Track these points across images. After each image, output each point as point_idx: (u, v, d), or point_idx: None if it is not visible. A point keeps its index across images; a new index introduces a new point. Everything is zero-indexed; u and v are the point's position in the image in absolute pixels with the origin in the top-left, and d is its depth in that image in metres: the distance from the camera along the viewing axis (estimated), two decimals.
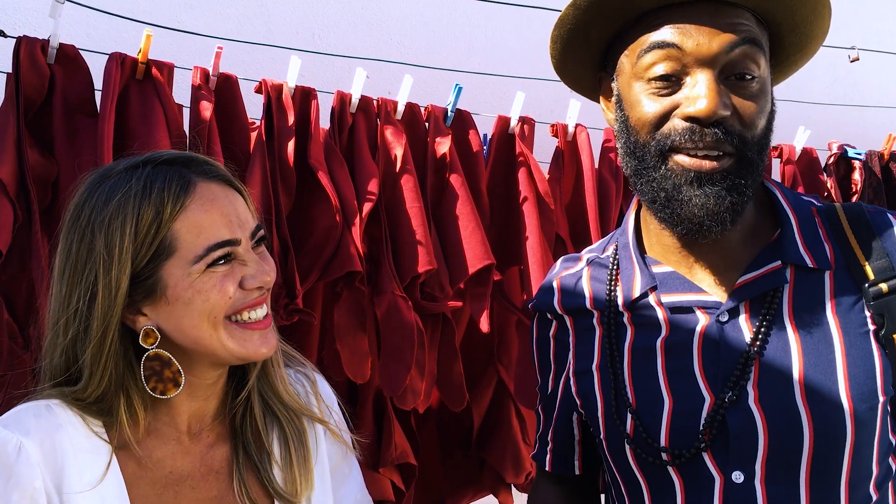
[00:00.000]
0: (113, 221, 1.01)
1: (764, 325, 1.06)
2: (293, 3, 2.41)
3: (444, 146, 1.98)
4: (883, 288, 1.05)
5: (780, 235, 1.10)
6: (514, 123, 2.10)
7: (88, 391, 1.04)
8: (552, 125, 2.20)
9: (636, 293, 1.15)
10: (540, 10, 2.30)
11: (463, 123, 2.05)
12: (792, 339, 1.06)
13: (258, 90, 1.80)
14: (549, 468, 1.31)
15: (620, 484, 1.17)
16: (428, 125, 2.00)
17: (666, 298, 1.12)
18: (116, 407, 1.05)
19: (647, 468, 1.11)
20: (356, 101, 1.89)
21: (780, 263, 1.08)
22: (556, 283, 1.27)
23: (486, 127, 2.14)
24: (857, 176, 2.65)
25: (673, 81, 1.03)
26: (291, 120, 1.78)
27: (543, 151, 2.22)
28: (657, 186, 1.05)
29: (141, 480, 1.06)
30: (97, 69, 1.62)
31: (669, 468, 1.08)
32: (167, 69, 1.67)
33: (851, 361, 1.04)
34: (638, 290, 1.15)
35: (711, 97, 0.99)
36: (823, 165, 2.65)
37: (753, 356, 1.05)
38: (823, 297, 1.07)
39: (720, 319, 1.08)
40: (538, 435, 1.34)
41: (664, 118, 1.04)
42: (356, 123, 1.89)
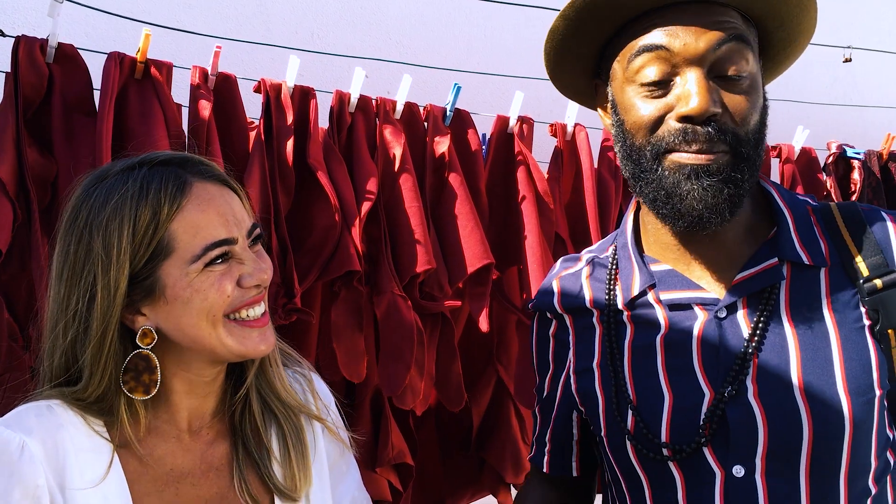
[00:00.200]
0: (111, 223, 1.01)
1: (762, 320, 1.08)
2: (292, 2, 2.42)
3: (442, 146, 1.98)
4: (877, 284, 1.07)
5: (776, 233, 1.12)
6: (513, 123, 2.10)
7: (89, 391, 1.05)
8: (551, 125, 2.20)
9: (635, 291, 1.16)
10: (539, 9, 2.30)
11: (462, 123, 2.05)
12: (789, 334, 1.07)
13: (257, 90, 1.80)
14: (546, 469, 1.31)
15: (621, 481, 1.18)
16: (427, 125, 2.00)
17: (665, 296, 1.14)
18: (117, 406, 1.06)
19: (647, 464, 1.12)
20: (355, 100, 1.89)
21: (776, 260, 1.09)
22: (555, 282, 1.29)
23: (485, 126, 2.13)
24: (856, 175, 2.65)
25: (664, 84, 1.05)
26: (290, 119, 1.78)
27: (542, 151, 2.22)
28: (657, 186, 1.07)
29: (142, 478, 1.07)
30: (96, 68, 1.62)
31: (670, 463, 1.09)
32: (166, 68, 1.67)
33: (848, 356, 1.05)
34: (637, 288, 1.16)
35: (702, 95, 1.01)
36: (822, 165, 2.65)
37: (752, 351, 1.07)
38: (819, 293, 1.09)
39: (718, 316, 1.09)
40: (535, 437, 1.35)
41: (659, 121, 1.05)
42: (355, 123, 1.89)
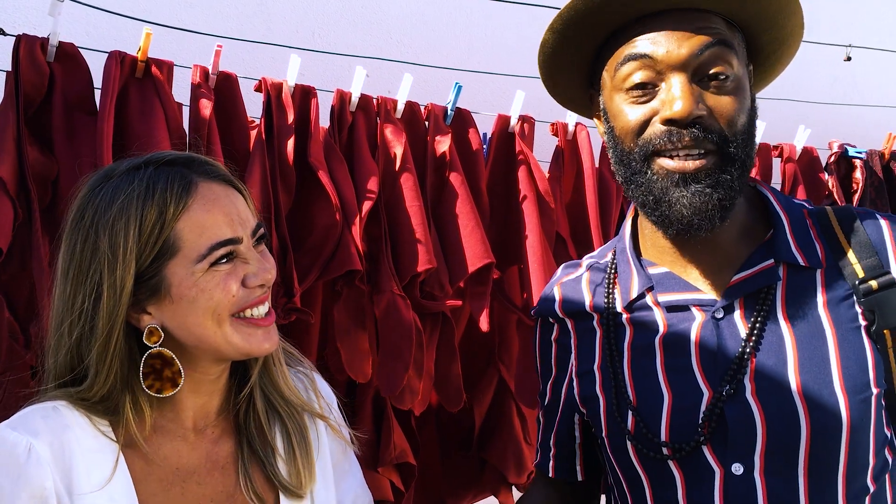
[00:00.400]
0: (117, 222, 1.02)
1: (759, 320, 1.10)
2: (293, 1, 2.41)
3: (443, 145, 1.97)
4: (873, 285, 1.09)
5: (772, 235, 1.14)
6: (514, 122, 2.10)
7: (94, 390, 1.05)
8: (552, 124, 2.20)
9: (633, 294, 1.19)
10: (540, 8, 2.30)
11: (463, 122, 2.05)
12: (786, 333, 1.09)
13: (258, 89, 1.80)
14: (552, 474, 1.33)
15: (622, 481, 1.19)
16: (428, 124, 2.00)
17: (662, 298, 1.16)
18: (122, 405, 1.06)
19: (648, 463, 1.14)
20: (356, 99, 1.89)
21: (772, 262, 1.11)
22: (556, 289, 1.31)
23: (485, 126, 2.13)
24: (858, 175, 2.65)
25: (650, 88, 1.07)
26: (291, 118, 1.78)
27: (543, 150, 2.22)
28: (646, 190, 1.10)
29: (148, 477, 1.08)
30: (97, 67, 1.62)
31: (670, 462, 1.11)
32: (167, 67, 1.67)
33: (844, 355, 1.07)
34: (635, 291, 1.19)
35: (685, 98, 1.04)
36: (824, 165, 2.65)
37: (749, 351, 1.09)
38: (815, 293, 1.11)
39: (716, 316, 1.11)
40: (539, 443, 1.36)
41: (645, 124, 1.08)
42: (356, 122, 1.89)
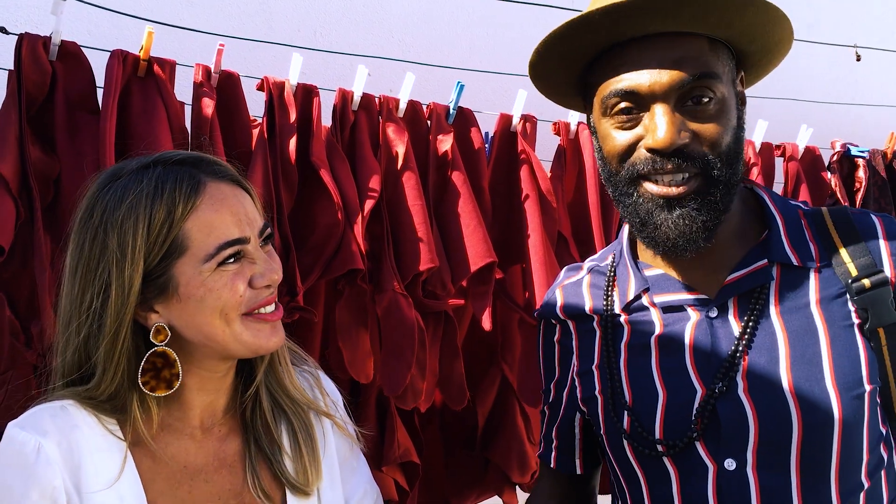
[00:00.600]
0: (126, 221, 1.02)
1: (751, 319, 1.12)
2: (295, 0, 2.41)
3: (445, 144, 1.97)
4: (866, 283, 1.10)
5: (767, 236, 1.16)
6: (516, 121, 2.10)
7: (101, 388, 1.06)
8: (554, 123, 2.20)
9: (630, 295, 1.22)
10: (542, 7, 2.30)
11: (465, 121, 2.05)
12: (779, 332, 1.11)
13: (260, 87, 1.80)
14: (553, 465, 1.37)
15: (621, 478, 1.23)
16: (430, 123, 2.00)
17: (658, 298, 1.19)
18: (130, 403, 1.07)
19: (644, 460, 1.17)
20: (358, 98, 1.88)
21: (766, 262, 1.14)
22: (558, 291, 1.35)
23: (488, 125, 2.13)
24: (860, 174, 2.65)
25: (635, 114, 1.11)
26: (293, 117, 1.77)
27: (545, 149, 2.22)
28: (632, 212, 1.13)
29: (156, 476, 1.08)
30: (99, 66, 1.62)
31: (665, 459, 1.14)
32: (169, 66, 1.67)
33: (836, 352, 1.09)
34: (632, 292, 1.22)
35: (667, 129, 1.07)
36: (827, 164, 2.65)
37: (742, 349, 1.11)
38: (808, 292, 1.13)
39: (710, 316, 1.15)
40: (542, 434, 1.40)
41: (631, 149, 1.11)
42: (358, 121, 1.89)
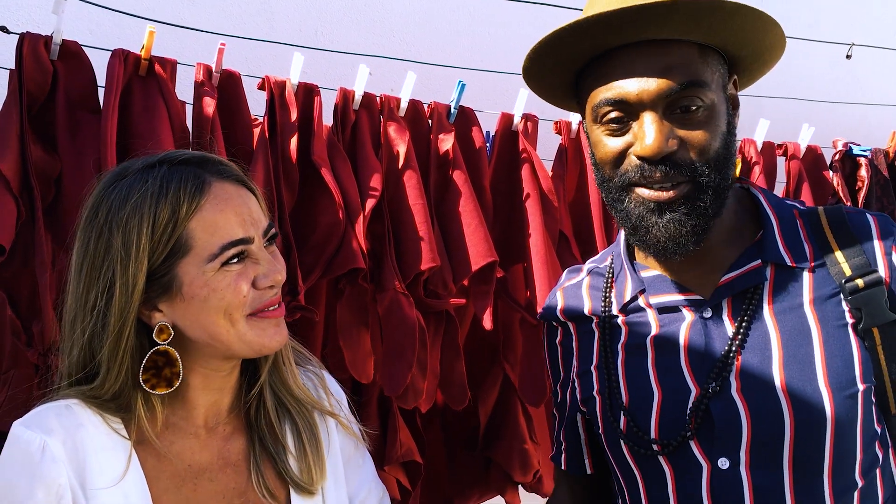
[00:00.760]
0: (130, 220, 1.03)
1: (745, 320, 1.13)
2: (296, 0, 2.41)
3: (447, 143, 1.97)
4: (859, 283, 1.11)
5: (761, 236, 1.17)
6: (517, 120, 2.10)
7: (106, 387, 1.06)
8: (556, 122, 2.19)
9: (627, 296, 1.24)
10: (543, 6, 2.30)
11: (466, 120, 2.04)
12: (772, 332, 1.12)
13: (261, 87, 1.79)
14: (564, 467, 1.38)
15: (619, 476, 1.24)
16: (431, 122, 2.00)
17: (654, 299, 1.21)
18: (134, 402, 1.07)
19: (640, 460, 1.18)
20: (359, 97, 1.88)
21: (759, 262, 1.15)
22: (559, 294, 1.37)
23: (489, 124, 2.13)
24: (863, 173, 2.64)
25: (625, 121, 1.12)
26: (294, 116, 1.77)
27: (547, 148, 2.22)
28: (625, 217, 1.15)
29: (161, 475, 1.09)
30: (100, 65, 1.62)
31: (660, 458, 1.15)
32: (170, 65, 1.67)
33: (829, 352, 1.09)
34: (629, 293, 1.24)
35: (655, 137, 1.07)
36: (829, 163, 2.65)
37: (735, 349, 1.12)
38: (802, 292, 1.13)
39: (704, 316, 1.16)
40: (554, 436, 1.42)
41: (622, 156, 1.13)
42: (359, 120, 1.89)
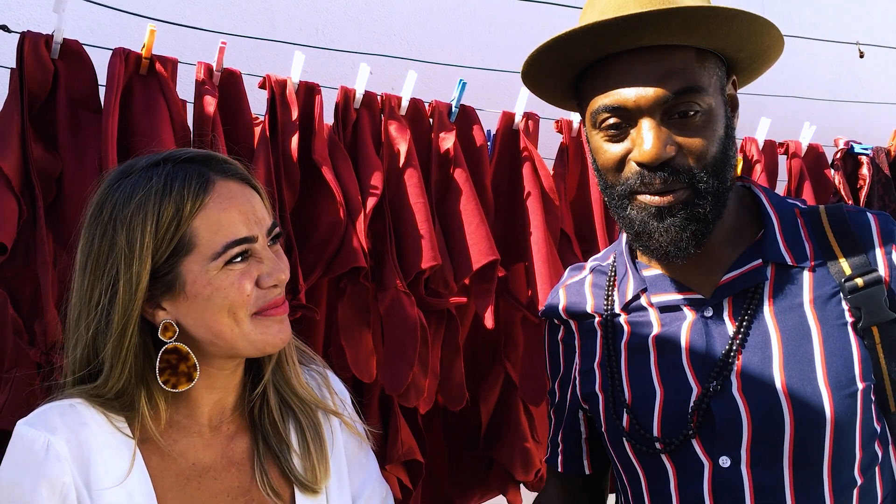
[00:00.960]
0: (134, 218, 1.03)
1: (746, 319, 1.14)
2: None
3: (448, 142, 1.97)
4: (859, 283, 1.11)
5: (762, 236, 1.17)
6: (518, 119, 2.10)
7: (109, 385, 1.06)
8: (557, 121, 2.19)
9: (629, 295, 1.24)
10: (544, 5, 2.29)
11: (467, 119, 2.04)
12: (772, 331, 1.12)
13: (262, 85, 1.79)
14: (560, 469, 1.38)
15: (623, 474, 1.24)
16: (432, 121, 2.00)
17: (656, 298, 1.21)
18: (137, 400, 1.07)
19: (643, 458, 1.18)
20: (360, 96, 1.88)
21: (760, 262, 1.15)
22: (561, 291, 1.37)
23: (490, 123, 2.13)
24: (864, 171, 2.64)
25: (623, 127, 1.12)
26: (295, 115, 1.77)
27: (548, 147, 2.22)
28: (628, 223, 1.15)
29: (165, 473, 1.09)
30: (101, 64, 1.62)
31: (662, 456, 1.16)
32: (171, 64, 1.66)
33: (829, 351, 1.10)
34: (631, 292, 1.24)
35: (653, 144, 1.08)
36: (830, 161, 2.64)
37: (736, 348, 1.13)
38: (802, 292, 1.14)
39: (705, 315, 1.16)
40: (549, 438, 1.41)
41: (622, 163, 1.13)
42: (360, 119, 1.89)
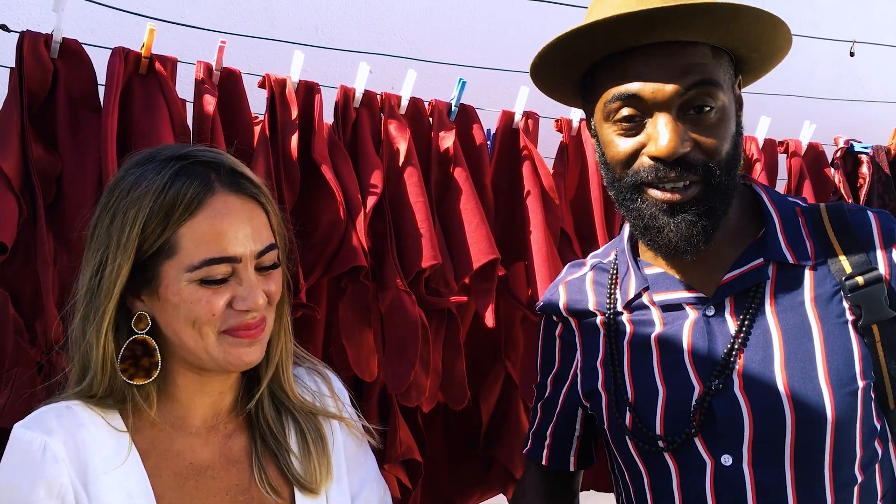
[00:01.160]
0: (128, 211, 1.04)
1: (747, 318, 1.14)
2: None
3: (447, 141, 1.97)
4: (859, 281, 1.12)
5: (763, 234, 1.18)
6: (518, 118, 2.09)
7: (97, 378, 1.06)
8: (556, 120, 2.19)
9: (631, 294, 1.24)
10: (544, 4, 2.29)
11: (467, 118, 2.04)
12: (773, 330, 1.13)
13: (262, 85, 1.79)
14: (545, 463, 1.38)
15: (625, 472, 1.24)
16: (432, 120, 2.00)
17: (658, 297, 1.21)
18: (130, 395, 1.08)
19: (646, 456, 1.19)
20: (360, 95, 1.88)
21: (762, 260, 1.15)
22: (561, 288, 1.36)
23: (490, 122, 2.13)
24: (864, 170, 2.64)
25: (637, 121, 1.12)
26: (295, 114, 1.77)
27: (548, 146, 2.21)
28: (636, 216, 1.15)
29: (162, 472, 1.09)
30: (100, 64, 1.62)
31: (665, 454, 1.16)
32: (170, 63, 1.66)
33: (830, 349, 1.10)
34: (633, 291, 1.24)
35: (670, 138, 1.08)
36: (830, 160, 2.64)
37: (738, 347, 1.13)
38: (803, 290, 1.14)
39: (707, 314, 1.16)
40: (532, 431, 1.40)
41: (634, 156, 1.13)
42: (360, 118, 1.89)
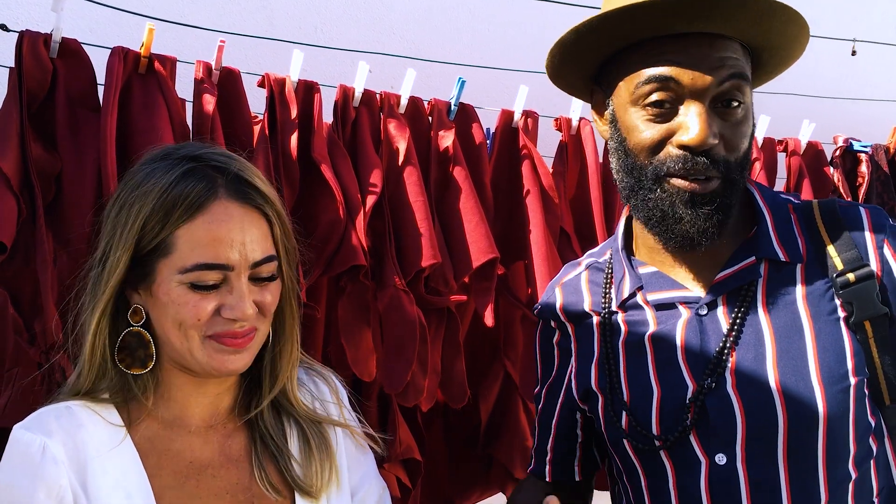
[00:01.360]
0: (133, 206, 1.05)
1: (739, 316, 1.14)
2: None
3: (447, 140, 1.97)
4: (850, 277, 1.12)
5: (755, 232, 1.17)
6: (517, 117, 2.09)
7: (92, 370, 1.07)
8: (556, 119, 2.19)
9: (625, 293, 1.24)
10: (544, 4, 2.29)
11: (466, 117, 2.04)
12: (765, 328, 1.13)
13: (261, 84, 1.79)
14: (549, 479, 1.35)
15: (622, 471, 1.25)
16: (431, 119, 2.00)
17: (651, 296, 1.21)
18: (127, 386, 1.08)
19: (642, 455, 1.19)
20: (359, 94, 1.88)
21: (754, 259, 1.16)
22: (558, 290, 1.36)
23: (489, 121, 2.13)
24: (863, 168, 2.64)
25: (668, 109, 1.10)
26: (294, 114, 1.77)
27: (547, 145, 2.21)
28: (653, 206, 1.13)
29: (162, 472, 1.09)
30: (100, 63, 1.62)
31: (661, 453, 1.16)
32: (170, 63, 1.66)
33: (821, 347, 1.10)
34: (627, 290, 1.24)
35: (703, 128, 1.07)
36: (829, 159, 2.64)
37: (730, 346, 1.13)
38: (795, 288, 1.14)
39: (700, 313, 1.16)
40: (534, 449, 1.38)
41: (660, 144, 1.11)
42: (359, 117, 1.89)
